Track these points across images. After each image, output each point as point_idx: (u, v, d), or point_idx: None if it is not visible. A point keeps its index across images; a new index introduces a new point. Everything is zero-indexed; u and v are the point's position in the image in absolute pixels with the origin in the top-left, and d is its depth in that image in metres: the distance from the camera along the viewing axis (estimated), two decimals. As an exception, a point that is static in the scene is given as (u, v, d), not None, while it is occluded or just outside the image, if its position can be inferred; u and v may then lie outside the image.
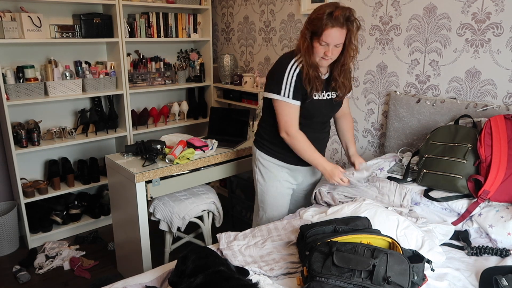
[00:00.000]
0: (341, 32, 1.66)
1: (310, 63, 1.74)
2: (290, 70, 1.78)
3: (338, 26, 1.64)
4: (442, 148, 1.86)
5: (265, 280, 1.34)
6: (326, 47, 1.69)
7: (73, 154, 3.25)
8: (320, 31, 1.65)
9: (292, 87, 1.78)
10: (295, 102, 1.80)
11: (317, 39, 1.68)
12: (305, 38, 1.72)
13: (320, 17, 1.64)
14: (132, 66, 3.32)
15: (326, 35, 1.65)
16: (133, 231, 2.27)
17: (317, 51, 1.71)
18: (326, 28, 1.63)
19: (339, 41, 1.68)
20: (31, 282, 2.52)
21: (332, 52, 1.70)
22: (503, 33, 1.94)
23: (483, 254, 1.53)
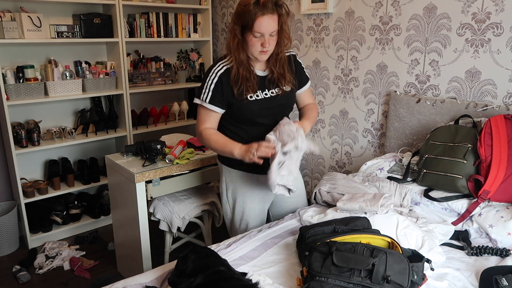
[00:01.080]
0: (273, 19, 1.58)
1: (240, 61, 1.65)
2: (212, 73, 1.69)
3: (268, 12, 1.56)
4: (442, 148, 1.86)
5: (265, 280, 1.34)
6: (262, 38, 1.60)
7: (73, 154, 3.25)
8: (251, 23, 1.56)
9: (211, 91, 1.68)
10: (211, 106, 1.70)
11: (250, 32, 1.59)
12: (234, 35, 1.62)
13: (247, 8, 1.55)
14: (132, 66, 3.32)
15: (258, 24, 1.56)
16: (133, 231, 2.27)
17: (253, 44, 1.61)
18: (256, 17, 1.55)
19: (273, 28, 1.59)
20: (31, 282, 2.52)
21: (269, 42, 1.61)
22: (503, 33, 1.94)
23: (483, 254, 1.53)
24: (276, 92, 1.76)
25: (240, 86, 1.67)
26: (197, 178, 2.42)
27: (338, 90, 2.78)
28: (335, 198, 1.87)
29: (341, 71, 2.74)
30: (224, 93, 1.70)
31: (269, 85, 1.75)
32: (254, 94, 1.71)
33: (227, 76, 1.68)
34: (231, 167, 1.87)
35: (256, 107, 1.72)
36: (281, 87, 1.76)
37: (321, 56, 2.85)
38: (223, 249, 1.59)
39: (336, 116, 2.83)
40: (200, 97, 1.72)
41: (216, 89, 1.68)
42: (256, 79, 1.71)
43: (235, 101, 1.70)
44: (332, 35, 2.75)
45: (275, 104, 1.76)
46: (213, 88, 1.68)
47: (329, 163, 2.96)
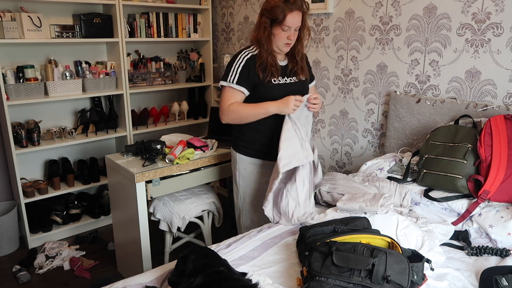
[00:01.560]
0: (299, 15, 1.80)
1: (269, 50, 1.85)
2: (239, 58, 1.88)
3: (297, 9, 1.78)
4: (442, 148, 1.86)
5: (265, 280, 1.34)
6: (288, 31, 1.81)
7: (73, 154, 3.25)
8: (282, 17, 1.77)
9: (238, 72, 1.86)
10: (238, 87, 1.87)
11: (279, 26, 1.80)
12: (264, 27, 1.82)
13: (277, 4, 1.76)
14: (132, 66, 3.32)
15: (289, 19, 1.77)
16: (133, 231, 2.27)
17: (281, 37, 1.83)
18: (287, 13, 1.76)
19: (298, 23, 1.82)
20: (31, 282, 2.52)
21: (294, 35, 1.83)
22: (503, 33, 1.94)
23: (483, 254, 1.53)
24: (294, 80, 1.97)
25: (267, 71, 1.86)
26: (197, 178, 2.42)
27: (338, 90, 2.78)
28: (335, 198, 1.87)
29: (341, 71, 2.74)
30: (250, 76, 1.87)
31: (289, 73, 1.96)
32: (277, 79, 1.91)
33: (253, 62, 1.87)
34: (244, 155, 2.00)
35: (279, 89, 1.89)
36: (298, 76, 1.98)
37: (321, 56, 2.85)
38: (223, 249, 1.59)
39: (336, 116, 2.83)
40: (227, 79, 1.89)
41: (243, 71, 1.86)
42: (279, 67, 1.92)
43: (261, 83, 1.88)
44: (332, 35, 2.75)
45: (293, 89, 1.93)
46: (240, 70, 1.87)
47: (329, 163, 2.96)
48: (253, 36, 1.89)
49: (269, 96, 1.87)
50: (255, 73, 1.86)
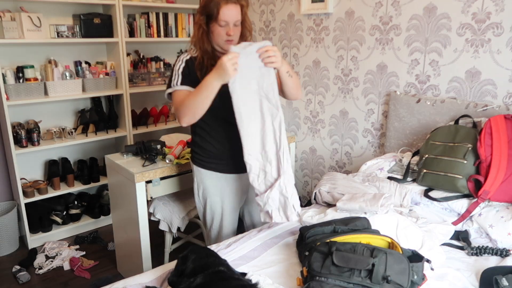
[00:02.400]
0: (236, 8, 1.66)
1: (205, 50, 1.73)
2: (178, 61, 1.78)
3: (231, 2, 1.64)
4: (442, 148, 1.86)
5: (265, 280, 1.34)
6: (227, 27, 1.67)
7: (73, 154, 3.25)
8: (216, 12, 1.64)
9: (180, 74, 1.75)
10: (183, 87, 1.74)
11: (215, 22, 1.66)
12: (199, 25, 1.70)
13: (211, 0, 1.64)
14: (132, 66, 3.32)
15: (223, 13, 1.64)
16: (133, 231, 2.26)
17: (219, 33, 1.68)
18: (221, 6, 1.63)
19: (237, 17, 1.67)
20: (31, 282, 2.52)
21: (234, 31, 1.68)
22: (503, 33, 1.94)
23: (483, 254, 1.53)
24: None
25: (205, 74, 1.66)
26: (197, 178, 2.41)
27: (338, 90, 2.78)
28: (335, 198, 1.87)
29: (341, 71, 2.74)
30: (192, 77, 1.75)
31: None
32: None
33: (191, 63, 1.76)
34: (202, 167, 1.89)
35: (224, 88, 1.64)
36: None
37: (321, 56, 2.85)
38: (223, 249, 1.59)
39: (336, 116, 2.83)
40: (171, 84, 1.77)
41: (184, 72, 1.76)
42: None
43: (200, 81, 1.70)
44: (332, 35, 2.75)
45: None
46: (181, 71, 1.76)
47: (329, 163, 2.96)
48: (191, 37, 1.78)
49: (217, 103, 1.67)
50: (194, 74, 1.74)
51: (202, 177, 1.90)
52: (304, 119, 3.08)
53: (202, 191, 1.92)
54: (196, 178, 1.94)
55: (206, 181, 1.90)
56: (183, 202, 2.43)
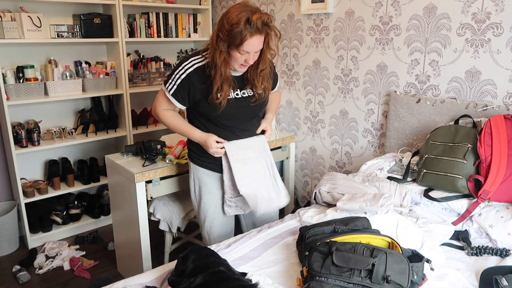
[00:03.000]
0: (260, 39, 1.60)
1: (226, 78, 1.66)
2: (182, 69, 1.70)
3: (257, 33, 1.56)
4: (442, 148, 1.86)
5: (265, 280, 1.34)
6: (247, 55, 1.62)
7: (73, 154, 3.25)
8: (239, 42, 1.56)
9: (177, 85, 1.72)
10: (172, 99, 1.75)
11: (235, 49, 1.59)
12: (220, 51, 1.61)
13: (237, 27, 1.53)
14: (132, 66, 3.32)
15: (247, 44, 1.57)
16: (133, 231, 2.27)
17: (237, 59, 1.63)
18: (245, 38, 1.55)
19: (259, 47, 1.62)
20: (31, 282, 2.52)
21: (253, 58, 1.65)
22: (503, 33, 1.94)
23: (483, 254, 1.53)
24: (249, 94, 1.80)
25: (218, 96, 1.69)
26: (197, 178, 2.41)
27: (338, 90, 2.78)
28: (335, 198, 1.87)
29: (341, 71, 2.74)
30: (191, 92, 1.72)
31: (242, 86, 1.79)
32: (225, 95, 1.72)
33: (196, 76, 1.69)
34: (199, 165, 1.89)
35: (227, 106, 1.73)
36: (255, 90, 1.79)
37: (321, 56, 2.85)
38: (223, 249, 1.59)
39: (336, 116, 2.83)
40: (166, 86, 1.76)
41: (181, 85, 1.71)
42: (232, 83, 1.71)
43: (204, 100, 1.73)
44: (332, 35, 2.75)
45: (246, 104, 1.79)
46: (179, 83, 1.72)
47: (329, 163, 2.96)
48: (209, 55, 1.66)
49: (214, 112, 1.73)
50: (197, 90, 1.70)
51: (199, 175, 1.90)
52: (304, 119, 3.08)
53: (198, 188, 1.93)
54: (192, 175, 1.94)
55: (202, 179, 1.90)
56: (183, 202, 2.43)
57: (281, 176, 3.04)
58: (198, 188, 1.93)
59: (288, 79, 3.14)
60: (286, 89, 3.18)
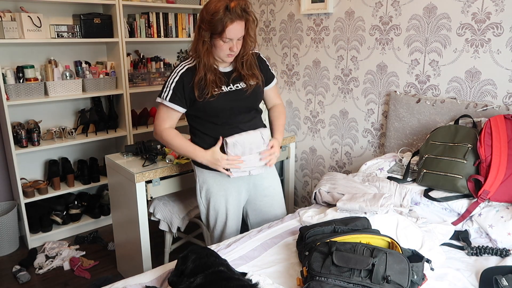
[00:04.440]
0: (241, 25, 1.64)
1: (209, 66, 1.70)
2: (174, 74, 1.74)
3: (237, 19, 1.61)
4: (442, 148, 1.86)
5: (265, 280, 1.34)
6: (230, 42, 1.66)
7: (73, 154, 3.25)
8: (221, 29, 1.60)
9: (172, 89, 1.73)
10: (171, 104, 1.75)
11: (218, 37, 1.63)
12: (203, 41, 1.66)
13: (217, 16, 1.59)
14: (132, 66, 3.32)
15: (229, 31, 1.61)
16: (133, 231, 2.27)
17: (222, 48, 1.67)
18: (227, 24, 1.60)
19: (241, 33, 1.66)
20: (31, 282, 2.52)
21: (237, 46, 1.68)
22: (503, 33, 1.94)
23: (483, 254, 1.53)
24: (242, 86, 1.80)
25: (206, 88, 1.71)
26: (197, 178, 2.41)
27: (338, 90, 2.78)
28: (335, 198, 1.87)
29: (341, 71, 2.74)
30: (186, 92, 1.74)
31: (234, 80, 1.80)
32: (218, 90, 1.74)
33: (188, 75, 1.73)
34: (203, 168, 1.87)
35: (222, 101, 1.75)
36: (246, 81, 1.80)
37: (321, 56, 2.85)
38: (223, 249, 1.59)
39: (336, 116, 2.83)
40: (161, 95, 1.77)
41: (177, 87, 1.73)
42: (221, 77, 1.75)
43: (198, 100, 1.73)
44: (332, 35, 2.75)
45: (240, 98, 1.79)
46: (174, 86, 1.73)
47: (329, 163, 2.96)
48: (192, 48, 1.73)
49: (211, 110, 1.75)
50: (190, 89, 1.72)
51: (205, 177, 1.89)
52: (304, 119, 3.08)
53: (205, 191, 1.90)
54: (198, 179, 1.92)
55: (209, 181, 1.88)
56: (183, 202, 2.43)
57: (281, 176, 3.05)
58: (205, 191, 1.91)
59: (288, 79, 3.14)
60: (286, 89, 3.18)
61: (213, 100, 1.73)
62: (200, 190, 1.93)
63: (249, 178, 1.90)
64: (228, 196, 1.89)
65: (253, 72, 1.82)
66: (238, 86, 1.79)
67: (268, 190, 1.97)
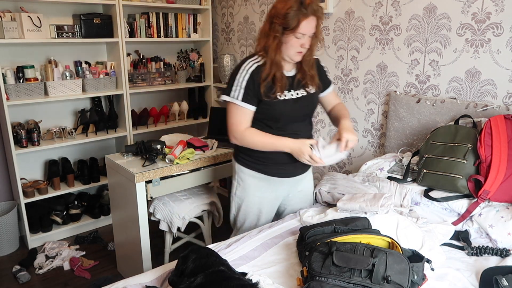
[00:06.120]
0: (314, 20, 1.62)
1: (276, 62, 1.67)
2: (243, 70, 1.69)
3: (312, 14, 1.59)
4: (442, 148, 1.86)
5: (265, 280, 1.34)
6: (302, 38, 1.63)
7: (73, 154, 3.25)
8: (295, 24, 1.58)
9: (243, 89, 1.68)
10: (245, 104, 1.70)
11: (291, 33, 1.61)
12: (274, 36, 1.63)
13: (291, 10, 1.56)
14: (132, 66, 3.32)
15: (304, 26, 1.59)
16: (133, 231, 2.27)
17: (293, 44, 1.64)
18: (302, 19, 1.57)
19: (313, 30, 1.64)
20: (31, 282, 2.52)
21: (308, 42, 1.65)
22: (503, 33, 1.94)
23: (483, 254, 1.53)
24: (302, 94, 1.78)
25: (272, 85, 1.69)
26: (197, 178, 2.41)
27: (338, 90, 2.78)
28: (335, 198, 1.87)
29: (341, 71, 2.74)
30: (256, 91, 1.69)
31: (296, 86, 1.77)
32: (282, 94, 1.72)
33: (257, 74, 1.68)
34: (245, 167, 1.86)
35: (282, 106, 1.73)
36: (307, 88, 1.79)
37: (321, 56, 2.85)
38: (223, 249, 1.59)
39: (336, 116, 2.83)
40: (231, 94, 1.71)
41: (248, 86, 1.68)
42: (285, 80, 1.72)
43: (264, 99, 1.70)
44: (332, 35, 2.75)
45: (300, 105, 1.77)
46: (245, 85, 1.68)
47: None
48: (260, 45, 1.69)
49: (271, 113, 1.73)
50: (259, 87, 1.68)
51: (244, 176, 1.87)
52: (304, 119, 3.08)
53: (241, 189, 1.89)
54: (236, 176, 1.90)
55: (247, 180, 1.87)
56: (183, 202, 2.43)
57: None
58: (241, 190, 1.89)
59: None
60: (286, 89, 3.18)
61: (276, 102, 1.71)
62: (236, 187, 1.91)
63: (287, 184, 1.90)
64: (263, 198, 1.88)
65: (314, 74, 1.79)
66: (298, 94, 1.77)
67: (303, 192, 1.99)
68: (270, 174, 1.84)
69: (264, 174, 1.84)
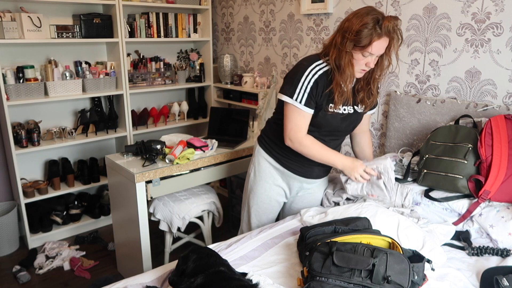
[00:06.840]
0: (386, 42, 1.56)
1: (351, 79, 1.62)
2: (308, 74, 1.64)
3: (386, 35, 1.53)
4: (443, 148, 1.86)
5: (265, 280, 1.34)
6: (369, 57, 1.58)
7: (73, 154, 3.25)
8: (366, 42, 1.52)
9: (307, 93, 1.64)
10: (306, 109, 1.66)
11: (359, 50, 1.55)
12: (346, 52, 1.56)
13: (366, 27, 1.50)
14: (132, 66, 3.32)
15: (374, 46, 1.53)
16: (133, 231, 2.26)
17: (358, 62, 1.59)
18: (374, 39, 1.51)
19: (383, 51, 1.58)
20: (31, 282, 2.52)
21: (374, 62, 1.60)
22: (503, 33, 1.94)
23: (484, 254, 1.53)
24: (348, 110, 1.74)
25: (332, 97, 1.65)
26: (197, 178, 2.41)
27: (338, 90, 2.78)
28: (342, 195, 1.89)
29: (341, 71, 2.73)
30: (318, 99, 1.67)
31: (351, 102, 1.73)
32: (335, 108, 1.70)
33: (323, 80, 1.64)
34: (265, 151, 1.88)
35: (331, 119, 1.72)
36: (355, 106, 1.76)
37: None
38: (224, 249, 1.59)
39: (336, 116, 2.83)
40: (293, 97, 1.66)
41: (311, 91, 1.64)
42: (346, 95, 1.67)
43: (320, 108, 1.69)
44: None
45: (345, 121, 1.76)
46: (309, 91, 1.64)
47: (329, 163, 2.95)
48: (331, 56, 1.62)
49: (316, 121, 1.70)
50: (320, 95, 1.64)
51: (261, 160, 1.90)
52: (304, 119, 3.08)
53: (255, 172, 1.92)
54: (254, 158, 1.93)
55: (263, 165, 1.89)
56: (183, 202, 2.43)
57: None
58: (254, 173, 1.92)
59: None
60: (286, 89, 3.17)
61: (325, 115, 1.69)
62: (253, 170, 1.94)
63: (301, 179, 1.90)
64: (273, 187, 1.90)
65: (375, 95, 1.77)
66: (346, 110, 1.73)
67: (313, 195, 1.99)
68: (286, 168, 1.86)
69: (281, 165, 1.86)
